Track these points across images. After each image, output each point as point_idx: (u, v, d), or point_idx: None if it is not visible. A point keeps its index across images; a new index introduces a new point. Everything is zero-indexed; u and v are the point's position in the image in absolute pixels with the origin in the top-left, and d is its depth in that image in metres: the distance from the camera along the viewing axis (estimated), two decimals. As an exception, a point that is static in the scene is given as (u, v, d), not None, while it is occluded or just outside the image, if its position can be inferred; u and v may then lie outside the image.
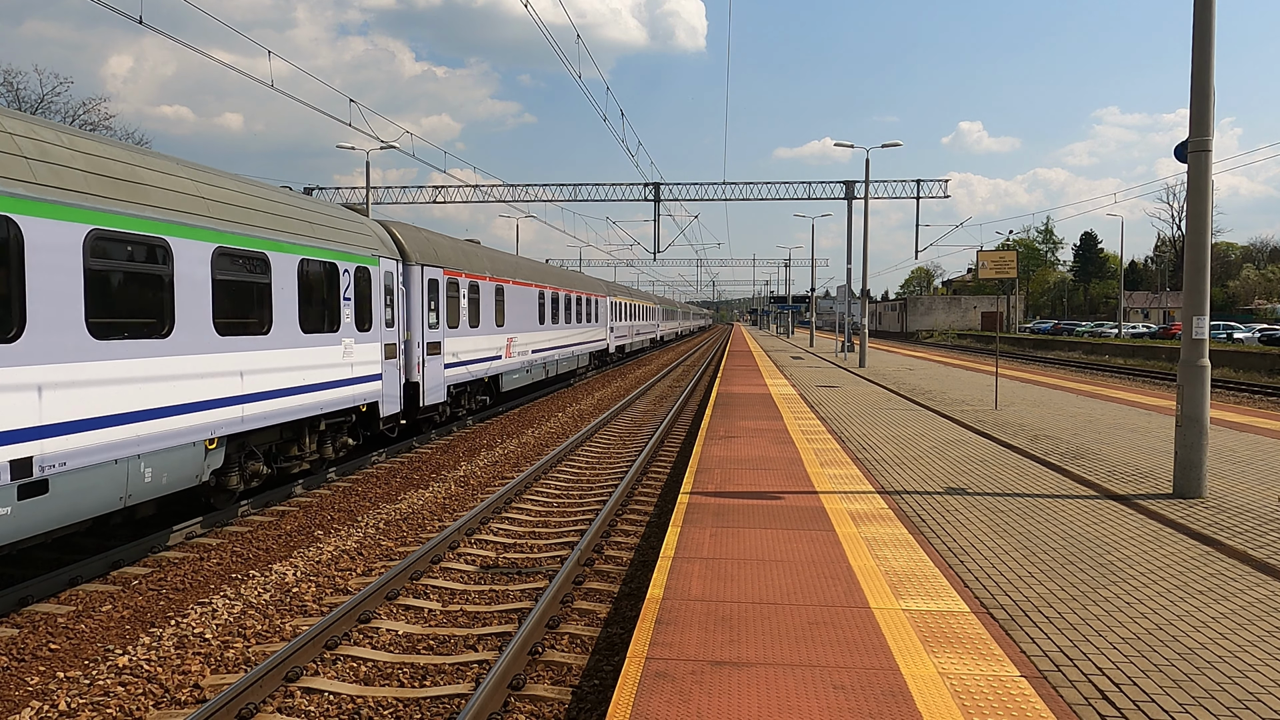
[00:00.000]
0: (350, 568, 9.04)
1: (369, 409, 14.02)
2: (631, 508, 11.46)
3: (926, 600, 5.98)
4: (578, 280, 32.93)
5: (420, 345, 15.83)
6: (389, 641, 6.98)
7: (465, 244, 19.66)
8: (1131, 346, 55.00)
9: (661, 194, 43.48)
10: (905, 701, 4.42)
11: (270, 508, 11.70)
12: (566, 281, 29.99)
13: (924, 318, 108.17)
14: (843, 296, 42.70)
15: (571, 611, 7.55)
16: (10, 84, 42.38)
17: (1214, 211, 27.49)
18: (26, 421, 7.18)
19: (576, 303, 31.08)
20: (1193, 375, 9.24)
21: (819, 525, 8.07)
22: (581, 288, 32.61)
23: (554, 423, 20.31)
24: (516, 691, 5.92)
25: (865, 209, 34.01)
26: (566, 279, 30.43)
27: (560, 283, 28.36)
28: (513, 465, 14.80)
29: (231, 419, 10.18)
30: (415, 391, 15.71)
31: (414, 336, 15.66)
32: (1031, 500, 9.23)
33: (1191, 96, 9.20)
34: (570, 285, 30.34)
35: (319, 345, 12.25)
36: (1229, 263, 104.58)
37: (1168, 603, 5.97)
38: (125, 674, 6.34)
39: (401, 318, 15.09)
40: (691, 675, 4.75)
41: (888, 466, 11.20)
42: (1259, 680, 4.72)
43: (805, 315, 78.21)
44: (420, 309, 15.80)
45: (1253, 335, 57.24)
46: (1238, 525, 8.07)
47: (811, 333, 62.28)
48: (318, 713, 5.76)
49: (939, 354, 51.06)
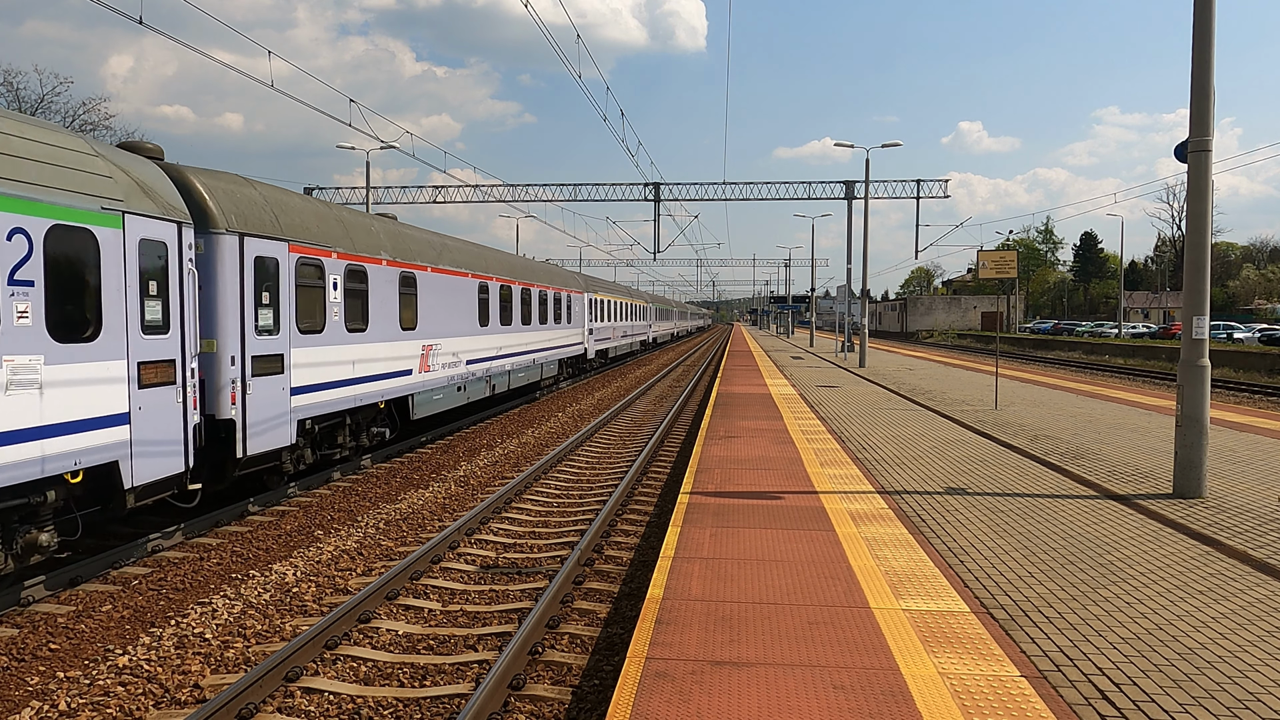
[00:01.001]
0: (350, 567, 9.05)
1: (93, 477, 8.23)
2: (631, 508, 11.46)
3: (926, 600, 5.98)
4: (543, 272, 26.94)
5: (239, 361, 10.34)
6: (389, 641, 6.97)
7: (346, 212, 14.20)
8: (1131, 346, 55.00)
9: (661, 194, 43.50)
10: (905, 701, 4.42)
11: (270, 508, 11.70)
12: (526, 273, 24.20)
13: (924, 318, 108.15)
14: (843, 296, 42.71)
15: (571, 611, 7.55)
16: (10, 84, 42.41)
17: (1214, 211, 27.51)
18: None
19: (541, 300, 25.33)
20: (1193, 375, 9.24)
21: (819, 525, 8.07)
22: (548, 281, 26.84)
23: (554, 423, 20.31)
24: (516, 691, 5.92)
25: (865, 209, 34.01)
26: (526, 270, 24.56)
27: (515, 274, 22.65)
28: (513, 465, 14.80)
29: None
30: (228, 435, 10.26)
31: (223, 347, 10.15)
32: (1031, 500, 9.22)
33: (1191, 96, 9.20)
34: (531, 277, 24.65)
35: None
36: (1229, 263, 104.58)
37: (1168, 603, 5.97)
38: (125, 674, 6.34)
39: (191, 317, 9.36)
40: (691, 675, 4.75)
41: (888, 466, 11.20)
42: (1259, 680, 4.72)
43: (805, 315, 78.23)
44: (236, 303, 10.30)
45: (1253, 335, 57.24)
46: (1238, 525, 8.07)
47: (811, 333, 62.30)
48: (318, 713, 5.76)
49: (939, 354, 51.06)
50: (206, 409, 10.06)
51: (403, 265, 15.18)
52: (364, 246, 13.85)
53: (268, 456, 11.22)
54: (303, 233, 11.97)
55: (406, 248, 15.60)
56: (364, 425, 14.31)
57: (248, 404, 10.52)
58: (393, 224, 15.92)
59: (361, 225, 14.15)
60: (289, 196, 12.35)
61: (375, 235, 14.49)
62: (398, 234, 15.63)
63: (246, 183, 11.34)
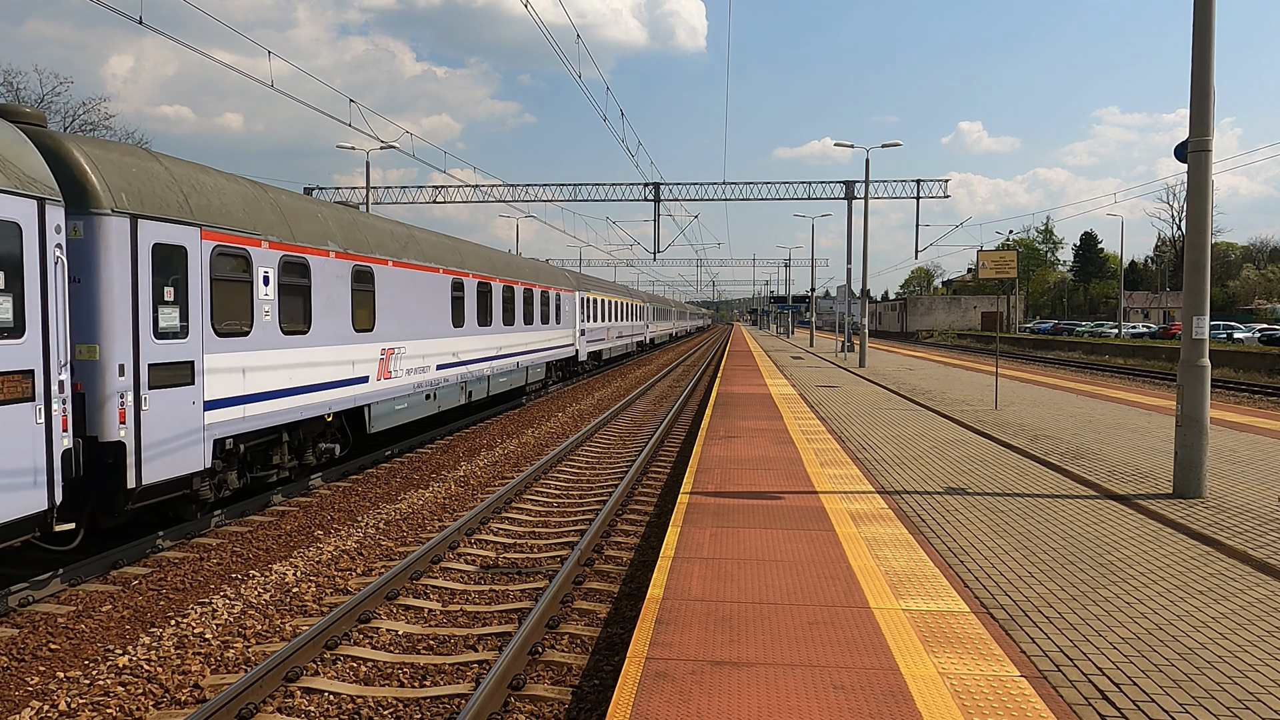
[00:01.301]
0: (350, 568, 9.04)
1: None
2: (631, 508, 11.46)
3: (926, 600, 5.98)
4: (528, 269, 24.89)
5: (130, 370, 8.55)
6: (389, 641, 6.97)
7: (289, 196, 12.33)
8: (1131, 346, 55.00)
9: (661, 194, 43.50)
10: (905, 701, 4.42)
11: (270, 508, 11.70)
12: (509, 269, 22.28)
13: (924, 318, 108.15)
14: (842, 296, 42.73)
15: (571, 611, 7.55)
16: (10, 84, 42.41)
17: (1214, 211, 27.51)
18: None
19: (526, 298, 23.43)
20: (1193, 375, 9.24)
21: (819, 525, 8.07)
22: (534, 278, 24.83)
23: (554, 423, 20.31)
24: (516, 691, 5.92)
25: (865, 209, 34.01)
26: (509, 266, 22.60)
27: (496, 269, 20.78)
28: (513, 465, 14.80)
29: None
30: (117, 460, 8.47)
31: (108, 353, 8.33)
32: (1031, 500, 9.22)
33: (1191, 96, 9.20)
34: (515, 274, 22.66)
35: None
36: (1229, 263, 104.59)
37: (1168, 603, 5.97)
38: (125, 674, 6.34)
39: (59, 317, 7.68)
40: (691, 675, 4.75)
41: (888, 466, 11.20)
42: (1259, 680, 4.72)
43: (805, 315, 78.23)
44: (127, 300, 8.52)
45: (1253, 335, 57.25)
46: (1238, 525, 8.07)
47: (811, 333, 62.31)
48: (318, 713, 5.76)
49: (939, 354, 51.06)
50: (87, 429, 8.19)
51: (357, 258, 13.21)
52: (306, 235, 11.87)
53: (172, 484, 9.21)
54: (222, 217, 10.07)
55: (362, 238, 13.63)
56: (308, 442, 12.41)
57: (143, 422, 8.64)
58: (348, 212, 14.10)
59: (305, 211, 12.23)
60: (208, 175, 10.36)
61: (322, 223, 12.50)
62: (352, 223, 13.60)
63: (150, 156, 9.56)
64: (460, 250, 18.72)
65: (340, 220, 13.34)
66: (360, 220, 14.22)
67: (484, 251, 21.09)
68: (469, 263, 18.82)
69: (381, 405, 14.18)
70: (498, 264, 21.37)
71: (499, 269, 21.22)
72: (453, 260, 17.76)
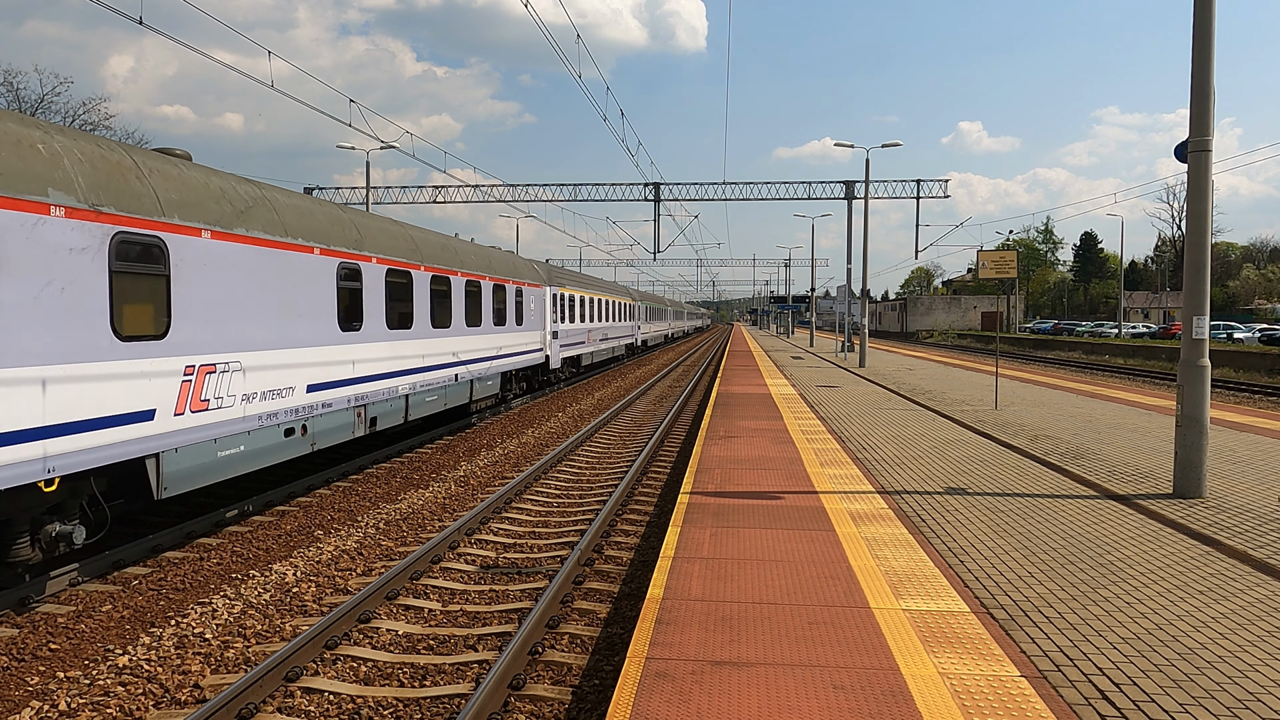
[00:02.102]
0: (350, 567, 9.04)
1: None
2: (631, 508, 11.46)
3: (926, 600, 5.98)
4: (475, 256, 19.51)
5: None
6: (389, 641, 6.98)
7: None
8: (1131, 346, 55.00)
9: (661, 194, 43.50)
10: (905, 701, 4.42)
11: (271, 508, 11.70)
12: (444, 255, 17.13)
13: (924, 318, 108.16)
14: (843, 296, 42.71)
15: (571, 611, 7.55)
16: (10, 84, 42.42)
17: (1214, 211, 27.52)
18: None
19: (470, 293, 18.32)
20: (1193, 375, 9.24)
21: (819, 525, 8.07)
22: (483, 268, 19.57)
23: (554, 423, 20.31)
24: (516, 691, 5.92)
25: (865, 209, 34.01)
26: (445, 251, 17.39)
27: (420, 255, 15.78)
28: (513, 465, 14.80)
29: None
30: None
31: None
32: (1031, 500, 9.22)
33: (1191, 96, 9.21)
34: (453, 262, 17.53)
35: None
36: (1229, 263, 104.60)
37: (1168, 603, 5.97)
38: (125, 674, 6.34)
39: None
40: (691, 675, 4.75)
41: (888, 466, 11.20)
42: (1259, 680, 4.72)
43: (805, 315, 78.23)
44: None
45: (1253, 335, 57.25)
46: (1238, 525, 8.07)
47: (811, 333, 62.30)
48: (318, 713, 5.76)
49: (939, 354, 51.06)
50: None
51: (133, 223, 8.45)
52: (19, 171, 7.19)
53: None
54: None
55: (145, 194, 8.67)
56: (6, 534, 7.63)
57: None
58: (120, 153, 8.79)
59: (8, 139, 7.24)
60: None
61: (38, 160, 7.44)
62: (118, 169, 8.47)
63: None
64: (360, 226, 13.72)
65: (95, 160, 8.23)
66: (153, 168, 9.11)
67: (400, 230, 15.66)
68: (373, 243, 13.84)
69: (188, 452, 9.22)
70: (425, 248, 16.18)
71: (427, 254, 16.09)
72: (343, 238, 12.81)
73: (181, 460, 9.17)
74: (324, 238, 12.26)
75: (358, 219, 14.02)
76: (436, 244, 17.18)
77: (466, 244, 20.12)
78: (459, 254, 18.26)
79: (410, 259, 15.31)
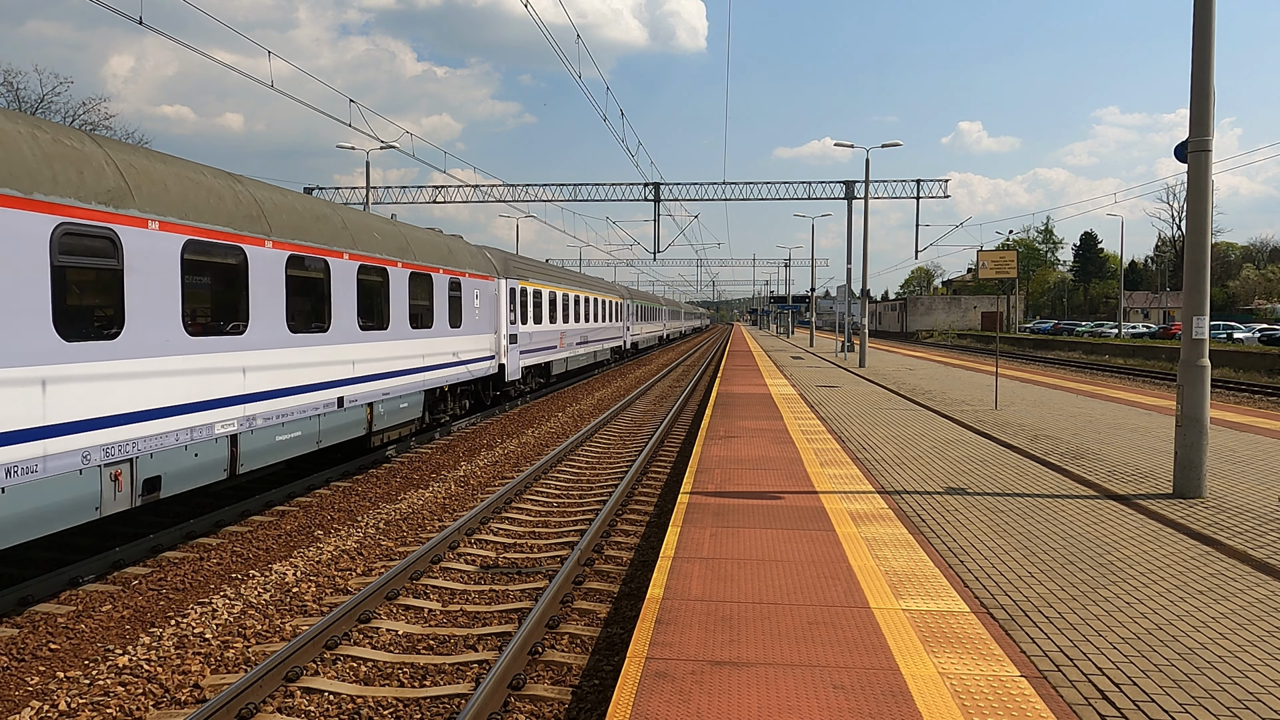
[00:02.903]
0: (350, 567, 9.04)
1: None
2: (631, 508, 11.46)
3: (926, 600, 5.98)
4: (384, 236, 14.62)
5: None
6: (389, 641, 6.97)
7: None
8: (1131, 346, 55.00)
9: (661, 194, 43.50)
10: (905, 701, 4.42)
11: (271, 508, 11.70)
12: (324, 231, 12.27)
13: (924, 318, 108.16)
14: (843, 296, 42.71)
15: (571, 611, 7.55)
16: (10, 84, 42.41)
17: (1214, 211, 27.51)
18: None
19: (377, 285, 13.87)
20: (1193, 375, 9.24)
21: (819, 525, 8.07)
22: (396, 251, 14.67)
23: (554, 423, 20.31)
24: (516, 691, 5.92)
25: (865, 209, 34.01)
26: (324, 224, 12.39)
27: (276, 227, 10.93)
28: (513, 465, 14.80)
29: None
30: None
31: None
32: (1031, 500, 9.22)
33: (1191, 96, 9.20)
34: (342, 241, 12.72)
35: None
36: (1229, 263, 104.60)
37: (1168, 603, 5.97)
38: (125, 674, 6.34)
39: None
40: (691, 675, 4.75)
41: (888, 466, 11.20)
42: (1259, 680, 4.72)
43: (805, 315, 78.23)
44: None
45: (1253, 335, 57.25)
46: (1238, 525, 8.07)
47: (811, 333, 62.29)
48: (318, 713, 5.76)
49: (939, 354, 51.06)
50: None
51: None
52: None
53: None
54: None
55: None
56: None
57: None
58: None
59: None
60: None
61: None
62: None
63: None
64: (141, 170, 8.67)
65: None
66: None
67: (237, 189, 10.44)
68: (167, 202, 8.87)
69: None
70: (276, 215, 11.04)
71: (277, 225, 10.97)
72: (97, 187, 7.89)
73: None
74: (46, 184, 7.36)
75: (183, 173, 9.53)
76: (302, 211, 11.94)
77: (368, 217, 14.70)
78: (349, 228, 13.19)
79: (256, 233, 10.46)
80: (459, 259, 18.07)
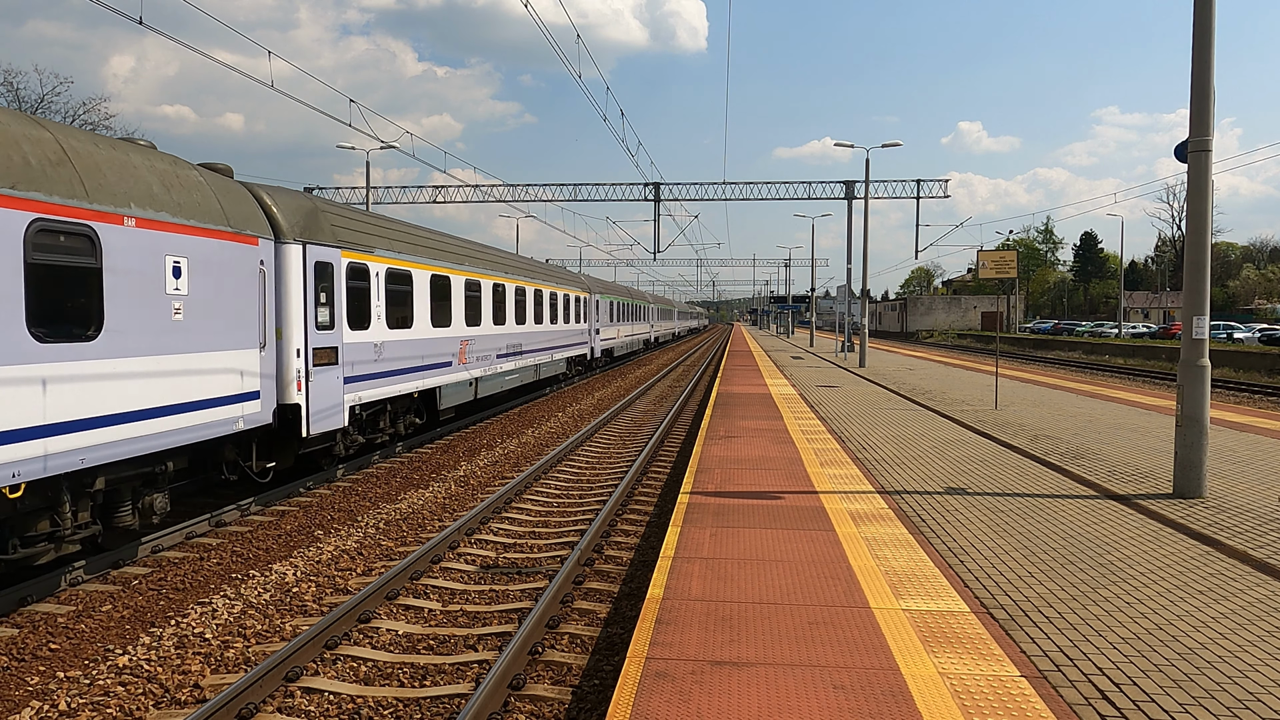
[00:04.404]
0: (350, 567, 9.04)
1: None
2: (631, 508, 11.46)
3: (926, 600, 5.98)
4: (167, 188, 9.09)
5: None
6: (389, 641, 6.97)
7: None
8: (1131, 346, 55.00)
9: (661, 194, 43.50)
10: (905, 701, 4.42)
11: (271, 508, 11.70)
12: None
13: (924, 318, 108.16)
14: (843, 296, 42.72)
15: (571, 611, 7.55)
16: (10, 84, 42.42)
17: (1214, 211, 27.49)
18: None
19: (154, 269, 8.80)
20: (1193, 375, 9.23)
21: (819, 525, 8.07)
22: (189, 213, 9.35)
23: (554, 423, 20.31)
24: (516, 691, 5.92)
25: (865, 209, 34.01)
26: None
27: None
28: (513, 465, 14.80)
29: None
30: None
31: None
32: (1031, 500, 9.22)
33: (1191, 96, 9.20)
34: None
35: None
36: (1229, 263, 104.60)
37: (1168, 603, 5.97)
38: (125, 674, 6.34)
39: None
40: (691, 675, 4.75)
41: (888, 466, 11.20)
42: (1259, 680, 4.72)
43: (805, 315, 78.23)
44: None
45: (1253, 335, 57.24)
46: (1238, 525, 8.07)
47: (811, 333, 62.30)
48: (318, 713, 5.76)
49: (939, 354, 51.06)
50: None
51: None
52: None
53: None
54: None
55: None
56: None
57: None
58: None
59: None
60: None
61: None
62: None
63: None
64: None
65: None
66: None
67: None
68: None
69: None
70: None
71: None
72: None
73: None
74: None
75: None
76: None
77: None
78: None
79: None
80: (314, 229, 11.93)
